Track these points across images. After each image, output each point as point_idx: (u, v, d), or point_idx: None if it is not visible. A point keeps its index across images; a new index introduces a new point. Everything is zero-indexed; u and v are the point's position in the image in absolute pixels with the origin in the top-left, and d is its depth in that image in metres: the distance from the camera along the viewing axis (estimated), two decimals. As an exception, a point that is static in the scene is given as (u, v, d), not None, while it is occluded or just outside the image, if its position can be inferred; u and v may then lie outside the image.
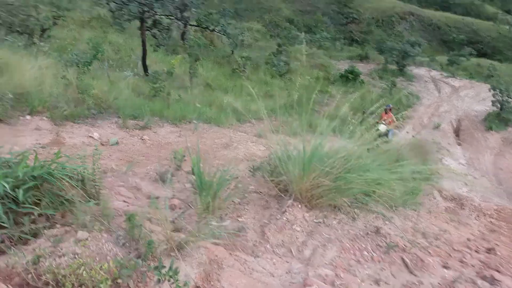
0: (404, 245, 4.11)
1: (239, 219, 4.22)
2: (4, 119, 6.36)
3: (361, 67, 27.47)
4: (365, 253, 3.91)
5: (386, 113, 12.57)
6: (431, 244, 4.57)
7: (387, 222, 4.87)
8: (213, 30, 22.70)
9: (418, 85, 25.69)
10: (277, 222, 4.16)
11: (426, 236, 4.81)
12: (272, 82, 20.06)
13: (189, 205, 4.37)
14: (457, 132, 16.72)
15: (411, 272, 3.80)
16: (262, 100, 13.95)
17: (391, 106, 12.85)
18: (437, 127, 16.39)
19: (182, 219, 4.01)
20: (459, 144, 14.99)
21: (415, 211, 6.07)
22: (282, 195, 4.70)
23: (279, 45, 24.43)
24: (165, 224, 3.21)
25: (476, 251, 4.97)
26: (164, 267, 2.69)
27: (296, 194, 4.54)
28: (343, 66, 26.64)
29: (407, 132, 7.17)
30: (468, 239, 5.36)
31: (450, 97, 23.63)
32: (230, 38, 23.26)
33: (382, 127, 11.70)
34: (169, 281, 2.67)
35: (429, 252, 4.39)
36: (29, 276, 2.59)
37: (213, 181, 4.23)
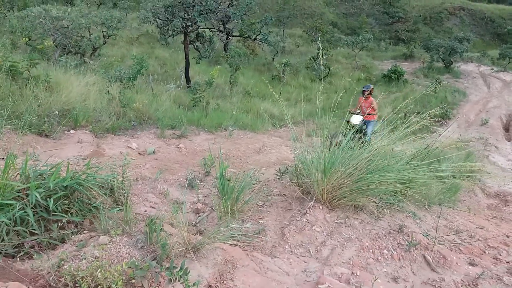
0: (427, 243, 4.04)
1: (260, 221, 4.33)
2: (50, 134, 6.84)
3: (405, 66, 26.83)
4: (385, 251, 3.89)
5: (365, 98, 9.37)
6: (463, 242, 4.45)
7: (417, 221, 4.80)
8: (255, 39, 23.03)
9: (466, 82, 24.69)
10: (297, 223, 4.22)
11: (460, 233, 4.69)
12: (312, 86, 20.05)
13: (212, 209, 4.54)
14: (507, 128, 15.93)
15: (433, 270, 3.74)
16: (300, 104, 14.09)
17: (371, 87, 9.57)
18: (484, 123, 15.71)
19: (204, 222, 4.18)
20: (509, 140, 14.27)
21: (452, 209, 5.93)
22: (305, 197, 4.76)
23: (319, 49, 24.31)
24: (183, 227, 3.37)
25: (515, 248, 4.78)
26: (176, 267, 2.85)
27: (318, 195, 4.58)
28: (386, 66, 26.15)
29: (439, 134, 6.78)
30: (508, 236, 5.15)
31: (500, 92, 22.52)
32: (271, 45, 23.51)
33: (355, 119, 8.96)
34: (179, 281, 2.82)
35: (460, 250, 4.28)
36: (51, 278, 2.84)
37: (235, 185, 4.38)
